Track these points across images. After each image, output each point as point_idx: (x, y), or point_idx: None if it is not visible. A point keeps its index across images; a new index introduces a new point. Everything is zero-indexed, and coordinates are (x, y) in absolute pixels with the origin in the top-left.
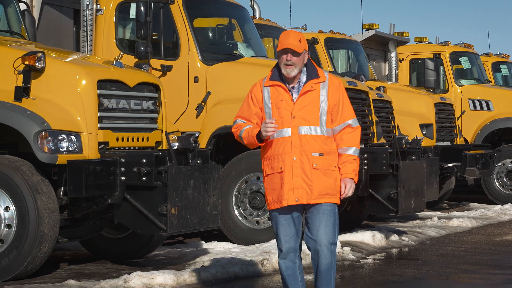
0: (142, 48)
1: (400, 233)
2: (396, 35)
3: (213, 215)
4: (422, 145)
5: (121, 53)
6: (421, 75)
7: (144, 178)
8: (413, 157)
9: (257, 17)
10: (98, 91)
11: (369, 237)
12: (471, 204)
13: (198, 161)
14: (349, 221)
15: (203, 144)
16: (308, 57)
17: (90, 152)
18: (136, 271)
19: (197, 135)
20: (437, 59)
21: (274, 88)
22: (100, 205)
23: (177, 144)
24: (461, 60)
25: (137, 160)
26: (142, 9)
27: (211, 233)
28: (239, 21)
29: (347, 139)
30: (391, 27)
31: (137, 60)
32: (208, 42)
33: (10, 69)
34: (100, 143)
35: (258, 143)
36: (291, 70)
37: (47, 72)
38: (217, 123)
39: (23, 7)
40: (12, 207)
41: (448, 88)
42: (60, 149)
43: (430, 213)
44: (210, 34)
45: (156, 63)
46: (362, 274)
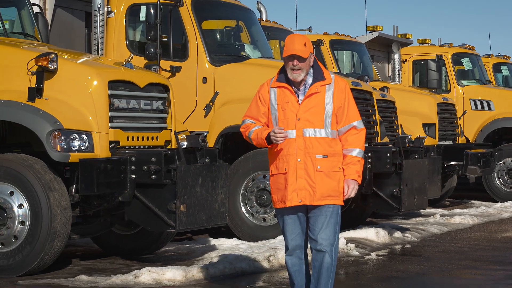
0: (152, 50)
1: (403, 230)
2: (399, 36)
3: (221, 212)
4: (424, 144)
5: (131, 54)
6: (423, 75)
7: (153, 176)
8: (416, 156)
9: (264, 19)
10: (109, 92)
11: (373, 234)
12: (473, 201)
13: (206, 160)
14: (353, 218)
15: (211, 143)
16: (315, 58)
17: (101, 151)
18: (146, 266)
19: (205, 134)
20: (439, 60)
21: (281, 90)
22: (111, 202)
23: (185, 143)
24: (462, 61)
25: (147, 159)
26: (151, 11)
27: (219, 230)
28: (246, 23)
29: (351, 141)
30: (395, 29)
31: (147, 61)
32: (216, 44)
33: (24, 70)
34: (111, 142)
35: (268, 145)
36: (298, 75)
37: (59, 73)
38: (225, 122)
39: (36, 10)
40: (26, 204)
41: (450, 89)
42: (72, 148)
43: (433, 210)
44: (218, 36)
45: (165, 64)
46: (366, 269)
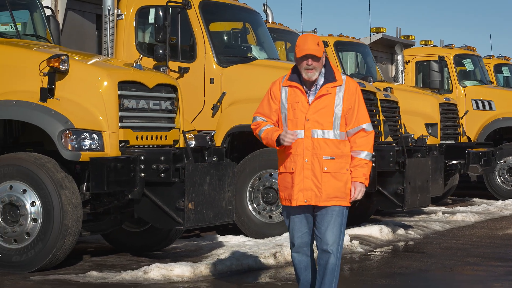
0: (161, 51)
1: (406, 227)
2: (402, 38)
3: (228, 210)
4: (427, 143)
5: (141, 55)
6: (426, 76)
7: (162, 175)
8: (419, 155)
9: (270, 21)
10: (119, 92)
11: (376, 231)
12: (474, 199)
13: (214, 159)
14: (357, 215)
15: (218, 142)
16: (327, 58)
17: (111, 150)
18: (155, 263)
19: (212, 133)
20: (441, 61)
21: (292, 89)
22: (121, 200)
23: (193, 142)
24: (464, 62)
25: (156, 158)
26: (160, 14)
27: (226, 227)
28: (252, 25)
29: (360, 143)
30: (398, 30)
31: (155, 62)
32: (223, 45)
33: (36, 71)
34: (120, 141)
35: (277, 147)
36: (313, 74)
37: (70, 74)
38: (232, 122)
39: (48, 12)
40: (38, 202)
41: (452, 89)
42: (83, 147)
43: (435, 208)
44: (225, 37)
45: (173, 65)
46: (370, 266)
